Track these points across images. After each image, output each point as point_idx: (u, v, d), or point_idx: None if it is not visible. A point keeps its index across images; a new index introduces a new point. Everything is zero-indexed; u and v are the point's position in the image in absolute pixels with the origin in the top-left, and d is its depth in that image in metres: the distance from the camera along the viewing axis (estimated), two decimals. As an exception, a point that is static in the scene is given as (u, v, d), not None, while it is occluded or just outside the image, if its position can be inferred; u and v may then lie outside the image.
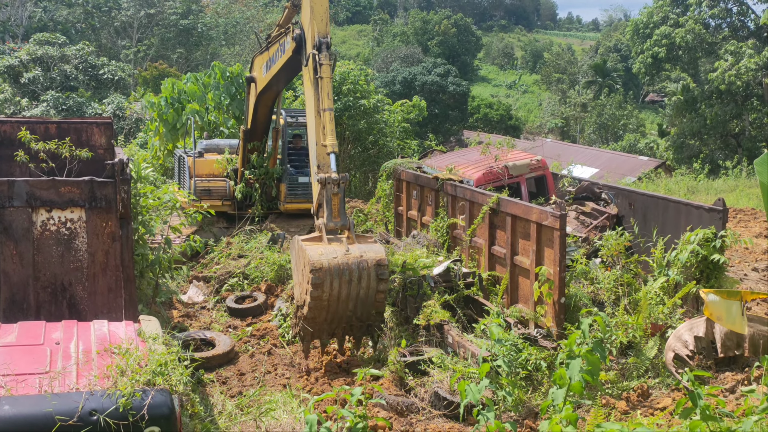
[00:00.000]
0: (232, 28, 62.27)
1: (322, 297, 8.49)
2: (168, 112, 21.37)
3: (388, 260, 8.94)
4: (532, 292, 9.43)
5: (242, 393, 8.32)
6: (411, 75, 49.88)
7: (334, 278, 8.45)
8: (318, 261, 8.36)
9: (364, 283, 8.65)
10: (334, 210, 8.95)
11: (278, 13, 75.16)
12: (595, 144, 51.54)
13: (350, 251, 8.63)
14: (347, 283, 8.55)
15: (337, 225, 8.92)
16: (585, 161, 31.72)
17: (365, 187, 24.90)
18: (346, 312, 8.83)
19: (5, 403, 4.20)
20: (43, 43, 32.04)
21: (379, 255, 8.72)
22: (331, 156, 9.18)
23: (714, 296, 7.77)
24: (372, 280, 8.67)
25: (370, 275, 8.64)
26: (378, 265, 8.65)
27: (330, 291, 8.49)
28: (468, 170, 13.17)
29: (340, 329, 9.13)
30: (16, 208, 6.32)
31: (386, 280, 8.81)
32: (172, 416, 4.44)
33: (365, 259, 8.60)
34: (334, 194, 8.97)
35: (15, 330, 5.17)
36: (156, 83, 43.95)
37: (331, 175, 9.00)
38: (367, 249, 8.74)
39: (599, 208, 12.37)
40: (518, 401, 7.73)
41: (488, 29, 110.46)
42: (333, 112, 9.31)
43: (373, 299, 8.83)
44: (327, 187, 8.96)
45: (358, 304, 8.81)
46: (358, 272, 8.58)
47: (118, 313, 6.48)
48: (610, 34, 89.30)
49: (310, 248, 8.58)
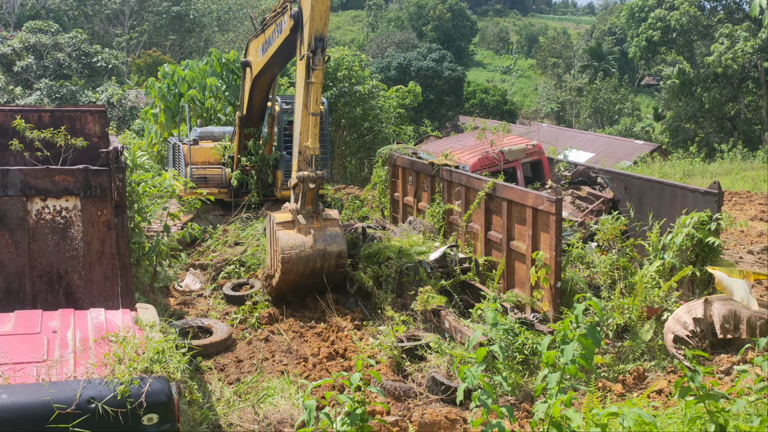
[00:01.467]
0: (225, 14, 61.83)
1: (288, 279, 10.30)
2: (171, 99, 21.26)
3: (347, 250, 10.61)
4: (528, 276, 9.45)
5: (240, 380, 8.34)
6: (406, 60, 49.71)
7: (300, 266, 10.18)
8: (288, 254, 10.07)
9: (325, 269, 10.40)
10: (308, 200, 10.32)
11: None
12: (591, 128, 51.53)
13: (317, 242, 10.22)
14: (311, 268, 10.28)
15: (309, 212, 10.40)
16: (581, 146, 31.73)
17: (361, 173, 24.87)
18: (308, 284, 10.53)
19: (3, 391, 4.20)
20: (35, 31, 31.78)
21: (340, 247, 10.37)
22: (313, 157, 10.31)
23: (722, 273, 7.82)
24: (332, 267, 10.42)
25: (330, 264, 10.37)
26: (338, 256, 10.38)
27: (296, 274, 10.26)
28: (464, 156, 13.16)
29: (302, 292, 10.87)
30: (11, 197, 6.29)
31: (344, 266, 10.62)
32: (170, 403, 4.45)
33: (328, 251, 10.30)
34: (310, 189, 10.23)
35: (11, 319, 5.17)
36: (150, 71, 43.73)
37: (310, 174, 10.16)
38: (331, 241, 10.33)
39: (595, 193, 12.38)
40: (515, 385, 7.77)
41: (483, 14, 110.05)
42: (318, 116, 10.29)
43: (332, 277, 10.56)
44: (305, 183, 10.17)
45: (319, 280, 10.45)
46: (321, 261, 10.31)
47: (115, 302, 6.47)
48: (605, 17, 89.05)
49: (283, 236, 10.15)
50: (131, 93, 31.53)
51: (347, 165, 25.33)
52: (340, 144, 24.64)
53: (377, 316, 10.13)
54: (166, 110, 21.52)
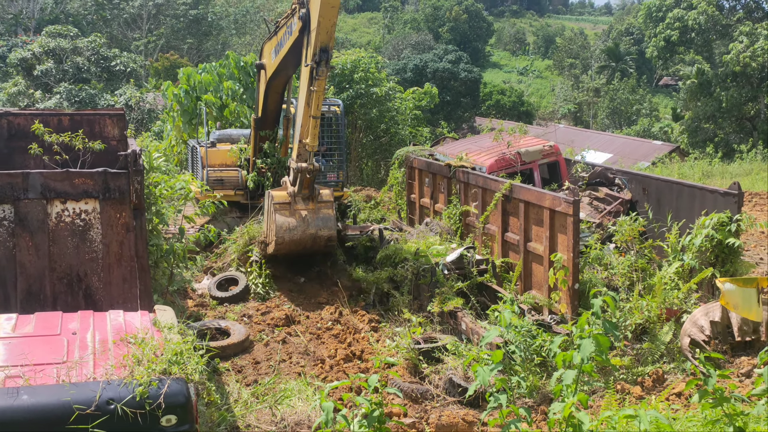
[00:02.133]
0: (242, 17, 62.16)
1: (281, 252, 11.47)
2: (188, 104, 21.42)
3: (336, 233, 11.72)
4: (545, 278, 9.40)
5: (257, 381, 8.37)
6: (422, 62, 49.67)
7: (292, 246, 11.30)
8: (281, 236, 11.12)
9: (315, 249, 11.63)
10: (304, 186, 11.16)
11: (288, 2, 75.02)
12: (609, 129, 51.18)
13: (309, 227, 11.22)
14: (303, 247, 11.44)
15: (305, 196, 11.27)
16: (598, 146, 31.53)
17: (377, 175, 24.86)
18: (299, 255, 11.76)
19: (24, 392, 4.24)
20: (55, 36, 32.11)
21: (331, 232, 11.39)
22: (311, 153, 11.04)
23: (730, 285, 7.72)
24: (321, 247, 11.65)
25: (320, 245, 11.53)
26: (328, 240, 11.46)
27: (287, 250, 11.42)
28: (480, 157, 13.13)
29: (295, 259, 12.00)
30: (31, 200, 6.36)
31: (333, 248, 11.90)
32: (188, 405, 4.47)
33: (319, 236, 11.33)
34: (307, 178, 11.12)
35: (32, 321, 5.22)
36: (167, 74, 44.06)
37: (308, 166, 10.97)
38: (323, 225, 11.31)
39: (613, 194, 12.30)
40: (533, 387, 7.73)
41: (499, 15, 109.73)
42: (319, 119, 10.87)
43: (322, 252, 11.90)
44: (302, 173, 11.03)
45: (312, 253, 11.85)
46: (312, 243, 11.40)
47: (134, 303, 6.52)
48: (622, 17, 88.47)
49: (279, 218, 11.15)
50: (149, 96, 31.74)
51: (364, 167, 25.33)
52: (357, 146, 24.65)
53: (394, 318, 10.12)
54: (183, 113, 21.67)
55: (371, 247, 12.34)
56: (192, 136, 20.64)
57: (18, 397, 4.20)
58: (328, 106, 15.20)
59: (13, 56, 31.64)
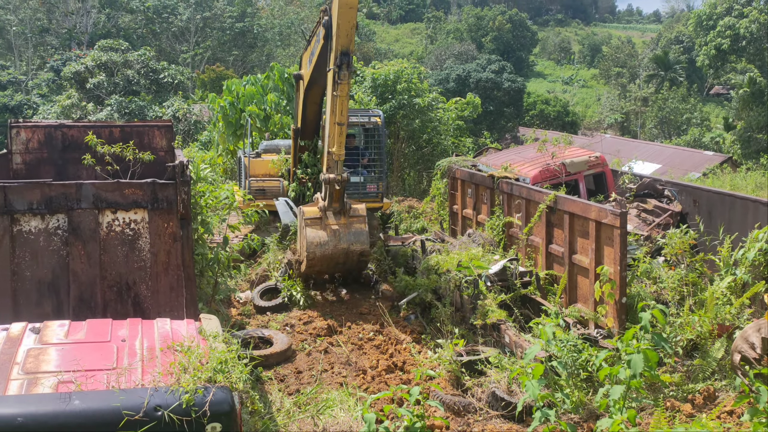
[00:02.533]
0: (287, 29, 63.02)
1: (313, 269, 11.32)
2: (233, 115, 21.82)
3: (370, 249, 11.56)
4: (591, 291, 9.25)
5: (300, 391, 8.41)
6: (465, 72, 49.53)
7: (323, 261, 11.12)
8: (312, 252, 10.93)
9: (348, 264, 11.37)
10: (334, 199, 10.94)
11: (333, 13, 75.63)
12: (657, 139, 50.19)
13: (341, 240, 10.97)
14: (335, 263, 11.24)
15: (336, 210, 11.06)
16: (646, 157, 30.93)
17: (419, 185, 24.84)
18: (334, 271, 11.71)
19: (76, 398, 4.35)
20: (107, 50, 33.07)
21: (363, 246, 11.11)
22: (338, 163, 10.85)
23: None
24: (354, 263, 11.35)
25: (353, 261, 11.25)
26: (360, 254, 11.18)
27: (320, 266, 11.27)
28: (524, 168, 13.02)
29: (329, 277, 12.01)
30: (84, 209, 6.54)
31: (367, 261, 11.64)
32: (232, 413, 4.51)
33: (351, 250, 11.08)
34: (336, 190, 10.85)
35: (84, 327, 5.34)
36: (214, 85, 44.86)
37: (336, 176, 10.77)
38: (355, 240, 11.04)
39: (662, 206, 12.05)
40: (578, 403, 7.59)
41: (544, 24, 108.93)
42: (345, 126, 10.73)
43: (356, 269, 11.70)
44: (331, 185, 10.79)
45: (344, 270, 11.67)
46: (344, 258, 11.16)
47: (180, 312, 6.63)
48: (672, 25, 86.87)
49: (310, 232, 10.96)
50: (195, 107, 32.38)
51: (406, 177, 25.35)
52: (399, 156, 24.69)
53: (436, 330, 10.07)
54: (227, 125, 22.05)
55: (413, 257, 12.32)
56: (237, 147, 21.00)
57: (70, 402, 4.31)
58: (369, 117, 15.24)
59: (67, 70, 32.65)
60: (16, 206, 6.41)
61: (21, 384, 4.52)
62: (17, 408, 4.27)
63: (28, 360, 4.77)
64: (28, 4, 52.33)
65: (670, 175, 22.05)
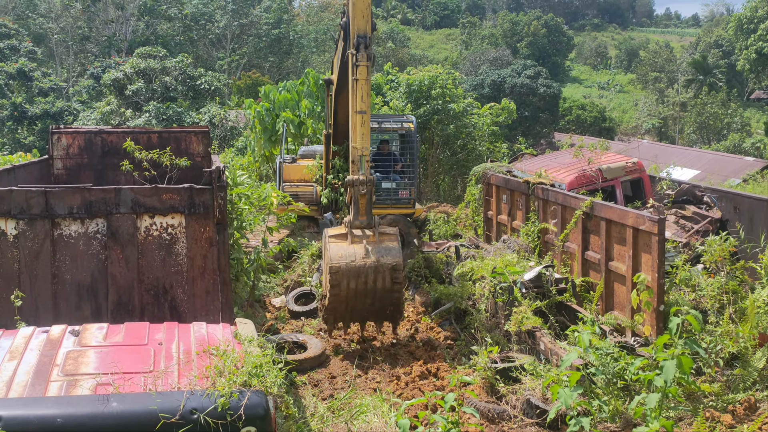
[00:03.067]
0: (322, 35, 63.45)
1: (340, 294, 9.49)
2: (269, 121, 22.07)
3: (403, 264, 9.77)
4: (628, 299, 9.10)
5: (333, 396, 8.42)
6: (500, 77, 49.28)
7: (351, 279, 9.40)
8: (336, 264, 9.35)
9: (379, 284, 9.50)
10: (360, 209, 9.56)
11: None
12: (696, 144, 49.27)
13: (369, 254, 9.46)
14: (363, 283, 9.45)
15: (362, 224, 9.65)
16: (685, 163, 30.39)
17: (454, 191, 24.76)
18: (364, 305, 9.74)
19: (114, 400, 4.41)
20: (145, 57, 33.63)
21: (396, 260, 9.47)
22: (362, 158, 9.64)
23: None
24: (387, 282, 9.49)
25: (385, 278, 9.47)
26: (393, 269, 9.44)
27: (347, 289, 9.46)
28: (560, 174, 12.88)
29: (359, 317, 10.12)
30: (123, 214, 6.64)
31: (401, 281, 9.67)
32: (267, 417, 4.54)
33: (381, 263, 9.42)
34: (361, 195, 9.52)
35: (122, 330, 5.42)
36: (249, 92, 45.34)
37: (359, 176, 9.51)
38: (386, 253, 9.50)
39: (701, 212, 11.82)
40: (615, 412, 7.46)
41: (580, 28, 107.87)
42: (367, 115, 9.71)
43: (389, 297, 9.66)
44: (354, 188, 9.49)
45: (376, 300, 9.67)
46: (374, 275, 9.44)
47: (216, 316, 6.69)
48: (711, 29, 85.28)
49: (333, 247, 9.53)
50: (231, 113, 32.75)
51: (440, 183, 25.29)
52: (433, 162, 24.64)
53: (470, 336, 10.01)
54: (264, 130, 22.28)
55: (448, 263, 12.28)
56: (273, 153, 21.22)
57: (108, 404, 4.37)
58: (401, 123, 15.21)
59: (107, 77, 33.28)
60: (57, 211, 6.55)
61: (60, 386, 4.60)
62: (57, 409, 4.35)
63: (68, 362, 4.86)
64: (69, 13, 53.52)
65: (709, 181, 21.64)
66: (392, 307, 9.92)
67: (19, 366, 4.79)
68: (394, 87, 25.48)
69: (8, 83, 36.46)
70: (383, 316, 10.13)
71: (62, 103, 36.04)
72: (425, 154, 24.38)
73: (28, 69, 37.46)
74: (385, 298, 9.73)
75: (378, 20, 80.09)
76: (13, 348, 5.02)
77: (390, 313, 10.03)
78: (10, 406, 4.35)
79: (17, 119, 34.26)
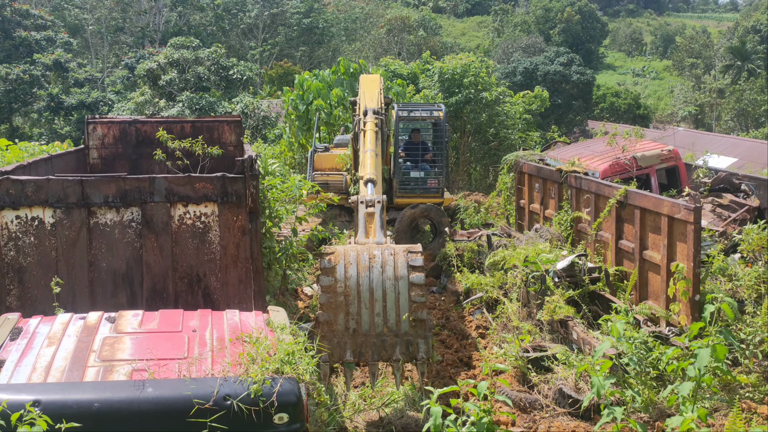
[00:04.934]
0: (352, 24, 63.39)
1: (335, 288, 6.70)
2: (303, 109, 22.19)
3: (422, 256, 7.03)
4: (663, 288, 8.97)
5: (365, 384, 8.46)
6: (532, 65, 48.72)
7: (349, 264, 6.75)
8: (331, 247, 7.02)
9: (391, 272, 6.72)
10: (368, 230, 8.14)
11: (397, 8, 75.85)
12: (734, 132, 48.24)
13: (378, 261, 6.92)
14: (367, 269, 6.73)
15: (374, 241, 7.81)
16: (722, 150, 29.76)
17: (486, 180, 24.62)
18: (372, 319, 6.72)
19: (149, 385, 4.49)
20: (178, 47, 33.94)
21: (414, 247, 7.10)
22: (368, 185, 9.13)
23: None
24: (401, 268, 6.73)
25: (397, 263, 6.76)
26: (409, 252, 6.89)
27: (345, 281, 6.70)
28: (593, 162, 12.72)
29: (369, 348, 6.79)
30: (157, 203, 6.73)
31: (421, 268, 6.80)
32: (299, 404, 4.57)
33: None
34: (369, 214, 8.26)
35: (157, 317, 5.51)
36: (282, 81, 45.52)
37: (366, 195, 8.62)
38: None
39: (739, 201, 11.58)
40: (648, 402, 7.38)
41: (615, 15, 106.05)
42: (373, 153, 10.37)
43: (407, 300, 6.69)
44: (360, 207, 8.42)
45: (388, 307, 6.71)
46: (382, 258, 6.80)
47: (248, 303, 6.76)
48: (749, 14, 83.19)
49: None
50: (263, 103, 32.94)
51: (472, 171, 25.17)
52: (465, 150, 24.53)
53: (502, 325, 9.97)
54: (298, 118, 22.40)
55: (479, 252, 12.22)
56: (307, 141, 21.34)
57: (144, 389, 4.45)
58: (431, 111, 15.13)
59: (141, 67, 33.69)
60: (93, 199, 6.66)
61: (97, 371, 4.70)
62: (94, 394, 4.44)
63: (104, 348, 4.95)
64: (103, 4, 54.27)
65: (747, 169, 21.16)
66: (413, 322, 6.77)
67: (57, 351, 4.89)
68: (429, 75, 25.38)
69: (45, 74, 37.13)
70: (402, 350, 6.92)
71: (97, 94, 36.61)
72: (457, 143, 24.26)
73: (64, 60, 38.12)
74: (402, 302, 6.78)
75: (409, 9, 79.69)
76: (51, 334, 5.13)
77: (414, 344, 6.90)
78: (49, 391, 4.45)
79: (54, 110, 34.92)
